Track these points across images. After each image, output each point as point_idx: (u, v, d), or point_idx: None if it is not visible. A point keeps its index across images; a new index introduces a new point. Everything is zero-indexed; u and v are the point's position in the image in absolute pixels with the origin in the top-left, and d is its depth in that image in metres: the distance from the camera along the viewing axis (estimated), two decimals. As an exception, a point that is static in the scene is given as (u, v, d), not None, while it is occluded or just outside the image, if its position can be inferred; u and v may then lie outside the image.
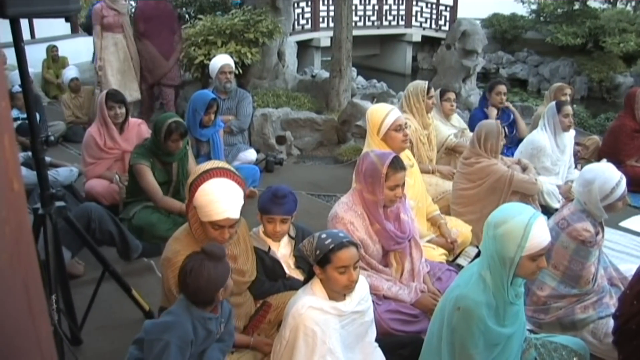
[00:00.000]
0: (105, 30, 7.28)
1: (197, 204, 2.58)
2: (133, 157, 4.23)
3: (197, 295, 2.33)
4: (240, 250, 2.88)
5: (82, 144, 4.94)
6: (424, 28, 17.67)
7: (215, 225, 2.57)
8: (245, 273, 2.87)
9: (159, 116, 4.42)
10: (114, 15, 7.24)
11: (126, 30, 7.42)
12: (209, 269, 2.30)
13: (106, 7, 7.24)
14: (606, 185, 3.18)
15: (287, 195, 3.06)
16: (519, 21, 17.40)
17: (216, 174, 2.60)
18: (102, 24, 7.27)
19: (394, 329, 3.08)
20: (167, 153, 4.26)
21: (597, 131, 8.32)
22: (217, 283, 2.32)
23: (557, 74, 15.09)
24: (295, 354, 2.38)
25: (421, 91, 5.06)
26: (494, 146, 4.38)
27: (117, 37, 7.34)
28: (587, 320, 3.26)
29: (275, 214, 3.04)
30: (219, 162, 2.74)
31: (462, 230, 4.19)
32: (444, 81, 9.19)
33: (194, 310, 2.34)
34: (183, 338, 2.27)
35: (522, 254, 2.30)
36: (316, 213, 4.80)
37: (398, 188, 3.18)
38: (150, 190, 4.22)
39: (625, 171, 4.18)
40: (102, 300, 3.32)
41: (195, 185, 2.59)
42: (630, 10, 15.61)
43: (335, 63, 8.26)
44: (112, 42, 7.32)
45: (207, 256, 2.32)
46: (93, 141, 4.76)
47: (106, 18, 7.21)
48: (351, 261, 2.40)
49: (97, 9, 7.27)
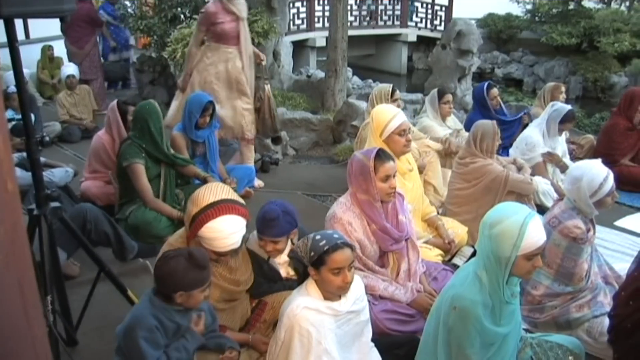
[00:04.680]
0: (216, 40, 5.38)
1: (202, 236, 2.57)
2: (125, 158, 4.21)
3: (158, 282, 2.36)
4: (238, 263, 2.87)
5: (90, 148, 4.89)
6: (419, 28, 17.67)
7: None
8: (240, 283, 2.87)
9: (138, 108, 4.38)
10: (231, 20, 5.33)
11: (242, 42, 5.43)
12: (177, 265, 2.31)
13: (222, 9, 5.28)
14: (594, 182, 3.21)
15: (277, 218, 2.87)
16: (514, 21, 17.40)
17: (223, 211, 2.56)
18: (211, 30, 5.36)
19: (390, 328, 3.08)
20: (155, 141, 4.26)
21: (592, 130, 8.34)
22: (178, 283, 2.31)
23: (552, 73, 15.10)
24: (291, 354, 2.38)
25: (385, 94, 5.13)
26: (490, 146, 4.39)
27: (230, 51, 5.41)
28: (582, 319, 3.27)
29: (265, 235, 2.92)
30: (219, 190, 2.67)
31: (458, 231, 4.20)
32: (440, 81, 9.21)
33: (156, 301, 2.36)
34: (146, 327, 2.28)
35: (517, 254, 2.30)
36: (312, 213, 4.80)
37: (390, 179, 3.18)
38: (142, 191, 4.21)
39: (619, 170, 4.22)
40: (97, 301, 3.31)
41: (199, 220, 2.55)
42: (624, 10, 15.62)
43: (331, 63, 8.26)
44: (223, 58, 5.42)
45: (187, 256, 2.33)
46: (103, 148, 4.74)
47: (220, 25, 5.28)
48: (346, 263, 2.40)
49: (211, 11, 5.30)
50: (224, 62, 5.39)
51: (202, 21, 5.37)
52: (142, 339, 2.26)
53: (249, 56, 5.50)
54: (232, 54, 5.38)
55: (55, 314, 2.76)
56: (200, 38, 5.47)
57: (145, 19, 9.16)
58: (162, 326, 2.33)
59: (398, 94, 5.29)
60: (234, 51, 5.39)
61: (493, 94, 6.04)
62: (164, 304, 2.36)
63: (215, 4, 5.30)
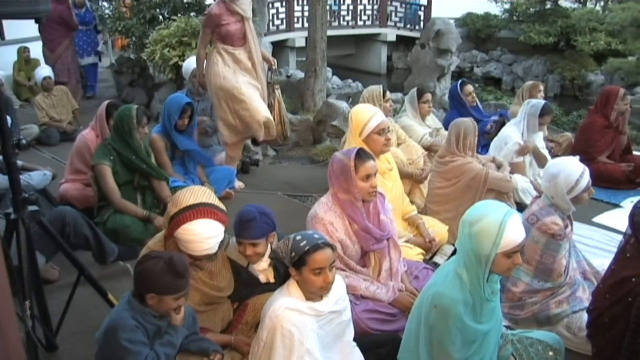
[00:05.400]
0: (223, 41, 5.28)
1: (178, 237, 2.57)
2: (94, 158, 4.19)
3: (135, 280, 2.36)
4: (217, 268, 2.86)
5: (73, 148, 4.82)
6: (398, 28, 17.74)
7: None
8: (221, 289, 2.87)
9: (118, 112, 4.32)
10: (236, 21, 5.25)
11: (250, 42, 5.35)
12: (154, 267, 2.30)
13: (226, 10, 5.20)
14: (570, 178, 3.25)
15: (254, 219, 2.84)
16: (493, 20, 17.56)
17: (200, 214, 2.56)
18: (216, 32, 5.27)
19: (372, 328, 3.09)
20: (132, 148, 4.21)
21: (570, 128, 8.43)
22: (151, 285, 2.30)
23: (531, 72, 15.26)
24: (273, 355, 2.38)
25: (377, 96, 5.12)
26: (472, 143, 4.41)
27: (238, 52, 5.33)
28: (561, 315, 3.31)
29: (243, 238, 2.88)
30: (200, 193, 2.66)
31: (438, 229, 4.21)
32: (419, 80, 9.24)
33: (135, 304, 2.35)
34: (127, 328, 2.27)
35: (497, 251, 2.32)
36: (293, 214, 4.79)
37: (371, 178, 3.19)
38: (108, 191, 4.18)
39: (597, 167, 4.27)
40: (78, 305, 3.28)
41: (177, 220, 2.56)
42: (600, 10, 15.86)
43: (310, 63, 8.26)
44: (232, 59, 5.33)
45: (167, 261, 2.31)
46: (86, 147, 4.68)
47: (225, 26, 5.20)
48: (326, 263, 2.41)
49: (215, 13, 5.19)
50: (235, 63, 5.31)
51: (207, 24, 5.27)
52: (125, 341, 2.24)
53: (259, 60, 5.41)
54: (240, 54, 5.30)
55: (34, 319, 2.72)
56: (207, 40, 5.38)
57: (123, 20, 9.10)
58: (142, 327, 2.32)
59: (389, 95, 5.29)
60: (242, 52, 5.30)
61: (467, 90, 6.08)
62: (141, 307, 2.35)
63: (219, 5, 5.19)
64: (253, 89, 5.35)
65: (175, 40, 7.74)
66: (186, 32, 7.76)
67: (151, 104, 8.59)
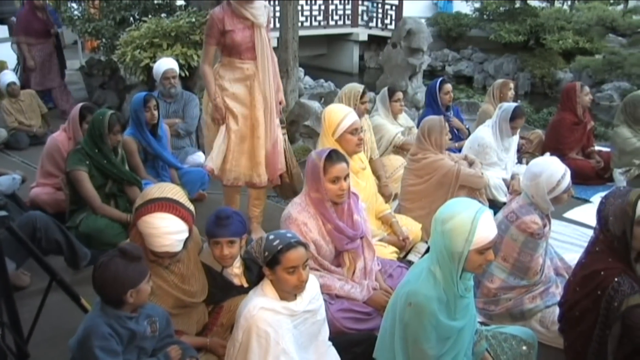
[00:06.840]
0: (228, 53, 4.27)
1: (140, 229, 2.61)
2: (69, 164, 4.12)
3: (104, 290, 2.33)
4: (190, 272, 2.85)
5: (43, 150, 4.77)
6: (370, 27, 17.79)
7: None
8: (194, 294, 2.86)
9: (93, 116, 4.26)
10: (244, 28, 4.20)
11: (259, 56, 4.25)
12: (117, 266, 2.29)
13: (232, 14, 4.20)
14: (552, 178, 3.28)
15: (231, 216, 2.91)
16: (463, 19, 17.67)
17: (161, 208, 2.57)
18: (221, 43, 4.25)
19: (348, 327, 3.10)
20: (104, 153, 4.16)
21: (541, 125, 8.52)
22: (125, 283, 2.30)
23: (502, 70, 15.38)
24: (249, 355, 2.38)
25: (355, 95, 4.83)
26: (439, 140, 4.43)
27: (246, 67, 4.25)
28: (534, 310, 3.36)
29: (220, 236, 2.89)
30: (168, 189, 2.68)
31: (412, 228, 4.24)
32: (391, 79, 9.26)
33: (108, 310, 2.34)
34: (100, 336, 2.26)
35: (470, 248, 2.34)
36: (267, 214, 4.78)
37: (340, 181, 3.19)
38: (89, 197, 4.12)
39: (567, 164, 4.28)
40: (49, 311, 3.21)
41: (139, 212, 2.59)
42: (567, 9, 16.10)
43: (282, 64, 8.21)
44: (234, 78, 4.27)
45: (120, 254, 2.32)
46: (57, 149, 4.62)
47: (229, 33, 4.17)
48: (300, 261, 2.42)
49: (218, 16, 4.20)
50: (242, 81, 4.26)
51: (209, 31, 4.24)
52: (97, 349, 2.23)
53: (270, 83, 4.28)
54: (249, 70, 4.24)
55: (3, 326, 2.68)
56: (211, 53, 4.29)
57: (92, 22, 8.99)
58: (116, 334, 2.30)
59: (368, 97, 5.04)
60: (251, 67, 4.24)
61: (447, 89, 6.08)
62: (116, 312, 2.33)
63: (223, 8, 4.23)
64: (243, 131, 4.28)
65: (146, 42, 7.65)
66: (157, 34, 7.68)
67: (123, 106, 8.48)
